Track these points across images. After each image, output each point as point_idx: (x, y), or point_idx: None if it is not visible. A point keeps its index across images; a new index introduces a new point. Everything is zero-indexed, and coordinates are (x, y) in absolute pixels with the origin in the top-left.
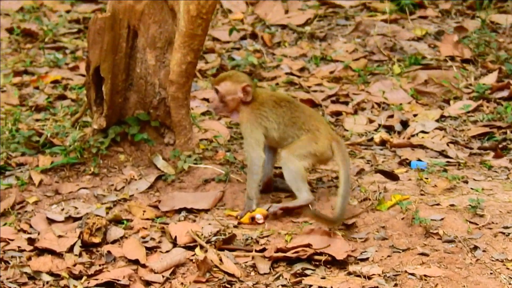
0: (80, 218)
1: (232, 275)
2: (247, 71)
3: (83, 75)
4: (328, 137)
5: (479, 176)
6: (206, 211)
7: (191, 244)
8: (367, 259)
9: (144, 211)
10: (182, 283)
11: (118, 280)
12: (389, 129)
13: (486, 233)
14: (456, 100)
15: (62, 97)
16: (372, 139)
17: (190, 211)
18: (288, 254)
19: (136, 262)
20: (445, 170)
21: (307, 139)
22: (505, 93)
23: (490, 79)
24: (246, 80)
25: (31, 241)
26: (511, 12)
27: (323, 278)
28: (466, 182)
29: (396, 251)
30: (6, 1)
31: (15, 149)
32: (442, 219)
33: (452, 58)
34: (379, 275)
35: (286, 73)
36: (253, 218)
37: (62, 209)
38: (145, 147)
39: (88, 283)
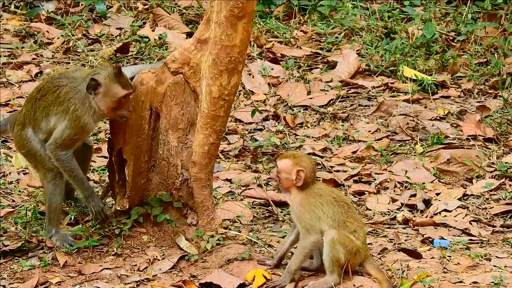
0: None
1: None
2: (270, 152)
3: (105, 157)
4: (367, 255)
5: (502, 254)
6: None
7: None
8: None
9: None
10: None
11: None
12: (412, 208)
13: None
14: (479, 179)
15: None
16: (395, 218)
17: None
18: None
19: None
20: (468, 248)
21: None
22: None
23: None
24: (307, 166)
25: None
26: None
27: None
28: (489, 259)
29: None
30: (28, 83)
31: (37, 231)
32: None
33: (475, 137)
34: None
35: (309, 154)
36: None
37: None
38: (168, 227)
39: None
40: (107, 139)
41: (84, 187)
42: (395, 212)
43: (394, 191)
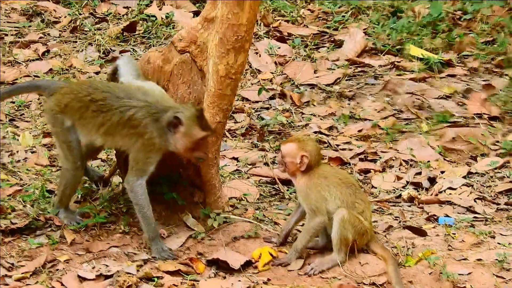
0: (111, 276)
1: None
2: (277, 130)
3: None
4: (373, 236)
5: (506, 231)
6: (236, 270)
7: None
8: None
9: (175, 269)
10: None
11: None
12: (417, 186)
13: None
14: (484, 157)
15: None
16: (400, 196)
17: (220, 267)
18: None
19: None
20: (473, 226)
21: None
22: None
23: None
24: (311, 150)
25: None
26: None
27: None
28: (493, 237)
29: None
30: (35, 62)
31: (45, 209)
32: (469, 273)
33: (480, 116)
34: None
35: (315, 132)
36: None
37: (93, 267)
38: (175, 205)
39: None
40: None
41: (150, 228)
42: (401, 190)
43: (400, 169)
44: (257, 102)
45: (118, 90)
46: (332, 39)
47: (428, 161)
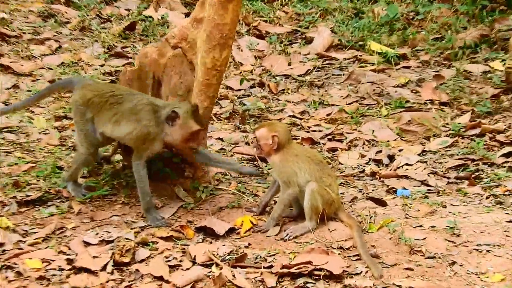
0: (112, 241)
1: None
2: (256, 114)
3: None
4: (340, 206)
5: (456, 202)
6: (221, 236)
7: (208, 263)
8: (360, 273)
9: (168, 235)
10: None
11: None
12: (378, 162)
13: (462, 250)
14: (435, 137)
15: None
16: (363, 171)
17: (207, 233)
18: (292, 270)
19: (160, 278)
20: (427, 197)
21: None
22: (477, 131)
23: (464, 119)
24: (280, 130)
25: (69, 261)
26: (481, 62)
27: None
28: (445, 206)
29: (385, 266)
30: (49, 56)
31: (55, 183)
32: (424, 238)
33: (432, 102)
34: (371, 287)
35: (289, 116)
36: None
37: (97, 234)
38: (168, 180)
39: None
40: None
41: (146, 200)
42: (364, 166)
43: (363, 148)
44: (239, 90)
45: (135, 92)
46: (303, 36)
47: (388, 141)
